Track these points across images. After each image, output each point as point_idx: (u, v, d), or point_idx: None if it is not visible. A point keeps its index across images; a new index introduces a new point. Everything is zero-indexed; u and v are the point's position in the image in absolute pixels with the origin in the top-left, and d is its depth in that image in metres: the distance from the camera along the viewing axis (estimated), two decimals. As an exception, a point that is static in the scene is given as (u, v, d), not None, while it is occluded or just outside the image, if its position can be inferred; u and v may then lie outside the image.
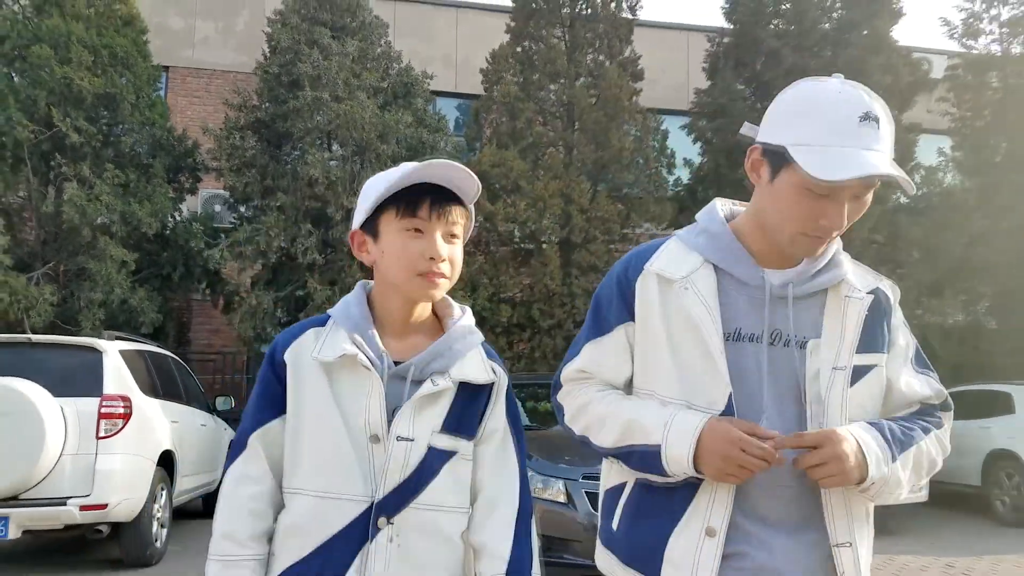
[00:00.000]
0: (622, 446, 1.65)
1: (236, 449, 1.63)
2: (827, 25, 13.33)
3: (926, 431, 1.67)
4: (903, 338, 1.73)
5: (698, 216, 1.77)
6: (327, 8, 11.90)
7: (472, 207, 1.71)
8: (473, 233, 7.72)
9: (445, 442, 1.62)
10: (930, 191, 13.79)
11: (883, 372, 1.67)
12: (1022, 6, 15.65)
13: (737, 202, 1.79)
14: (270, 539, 1.61)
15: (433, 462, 1.60)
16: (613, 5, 13.19)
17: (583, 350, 1.77)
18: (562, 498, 6.03)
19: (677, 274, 1.65)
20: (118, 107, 10.85)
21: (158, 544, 7.17)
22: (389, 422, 1.58)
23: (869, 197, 1.60)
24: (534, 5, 13.21)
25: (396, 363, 1.62)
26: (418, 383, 1.61)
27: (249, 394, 1.71)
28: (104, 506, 6.36)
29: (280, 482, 1.62)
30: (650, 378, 1.69)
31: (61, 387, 6.42)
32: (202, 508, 9.51)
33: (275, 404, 1.62)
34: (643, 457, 1.61)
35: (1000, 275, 14.06)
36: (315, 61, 11.01)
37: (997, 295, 14.34)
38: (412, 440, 1.58)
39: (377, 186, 1.63)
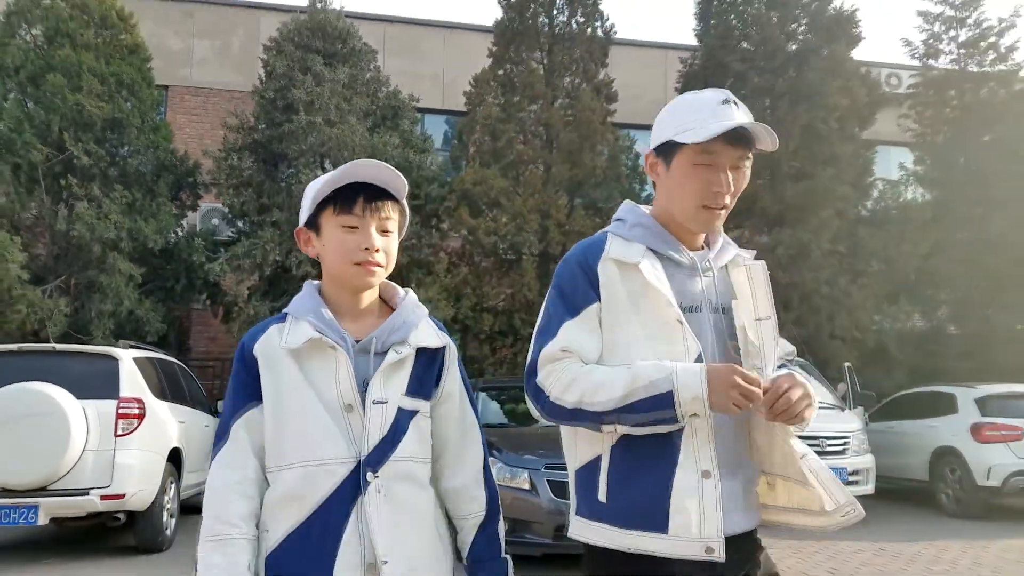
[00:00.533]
0: (628, 402, 1.75)
1: (220, 438, 1.81)
2: (793, 46, 14.13)
3: None
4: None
5: (623, 215, 2.01)
6: (319, 36, 12.68)
7: (405, 203, 1.88)
8: (457, 245, 8.76)
9: (409, 403, 1.81)
10: (888, 204, 14.58)
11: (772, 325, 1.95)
12: (979, 28, 16.54)
13: (640, 205, 2.07)
14: (257, 519, 1.76)
15: (403, 420, 1.79)
16: (589, 30, 13.96)
17: (560, 331, 1.85)
18: (527, 486, 6.81)
19: (632, 259, 1.87)
20: (125, 131, 11.62)
21: (168, 532, 7.90)
22: (361, 391, 1.76)
23: (747, 170, 1.91)
24: (516, 26, 13.99)
25: (356, 341, 1.81)
26: (380, 354, 1.80)
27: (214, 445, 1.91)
28: (122, 496, 7.08)
29: (262, 464, 1.78)
30: (620, 352, 1.85)
31: (83, 390, 7.11)
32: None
33: (251, 393, 1.80)
34: (652, 404, 1.74)
35: (957, 284, 14.92)
36: (308, 87, 11.79)
37: (955, 302, 15.17)
38: (385, 402, 1.77)
39: (316, 186, 1.81)
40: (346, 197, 1.78)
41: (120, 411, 7.25)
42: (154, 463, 7.57)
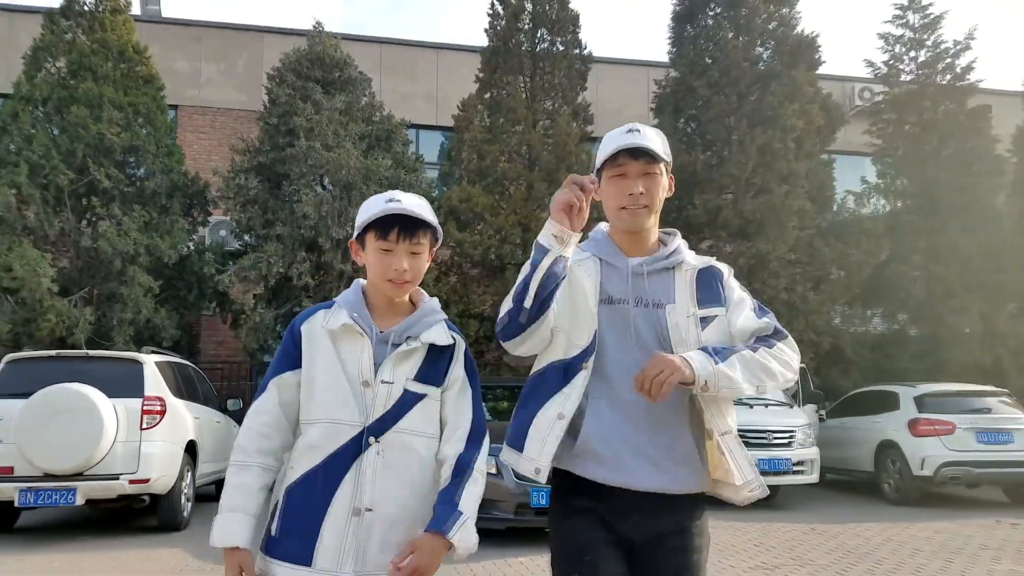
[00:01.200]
0: (525, 272, 2.20)
1: (260, 390, 2.23)
2: (760, 66, 15.21)
3: (753, 349, 2.27)
4: (737, 294, 2.40)
5: (591, 233, 2.48)
6: (318, 66, 13.84)
7: (437, 226, 2.26)
8: (445, 257, 10.38)
9: (418, 387, 2.18)
10: (846, 217, 15.68)
11: (724, 319, 2.35)
12: (936, 50, 17.63)
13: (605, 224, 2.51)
14: (275, 456, 2.19)
15: (408, 400, 2.17)
16: (566, 61, 15.08)
17: None
18: (494, 471, 7.92)
19: (574, 258, 2.30)
20: (141, 155, 12.78)
21: (185, 514, 9.03)
22: (376, 372, 2.15)
23: (660, 178, 2.34)
24: (501, 52, 15.12)
25: (381, 332, 2.20)
26: (396, 345, 2.19)
27: (253, 397, 2.36)
28: (147, 480, 8.23)
29: (287, 416, 2.19)
30: (563, 321, 2.28)
31: (113, 390, 8.22)
32: (215, 492, 11.41)
33: (291, 361, 2.21)
34: (534, 257, 2.20)
35: (913, 290, 16.03)
36: (308, 114, 12.93)
37: (910, 307, 16.27)
38: (392, 383, 2.15)
39: (366, 210, 2.21)
40: (385, 226, 2.18)
41: (145, 408, 8.39)
42: (174, 453, 8.71)
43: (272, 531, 2.16)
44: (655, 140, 2.32)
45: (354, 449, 2.11)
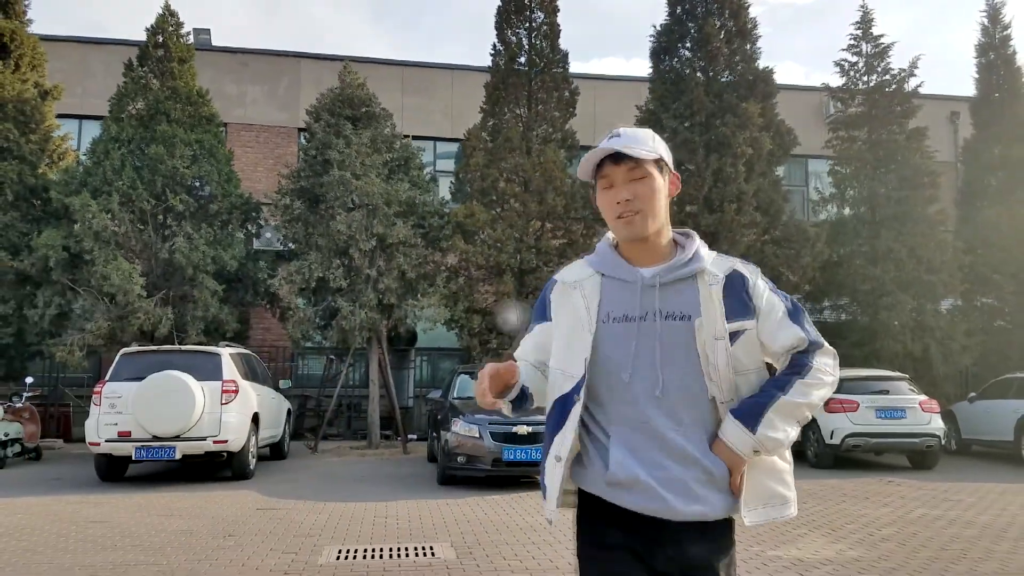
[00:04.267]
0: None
1: None
2: (717, 100, 17.84)
3: (783, 387, 2.10)
4: (767, 303, 2.17)
5: (597, 244, 2.35)
6: (348, 105, 16.72)
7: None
8: (454, 262, 14.18)
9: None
10: (791, 228, 18.32)
11: (754, 333, 2.14)
12: (885, 76, 20.14)
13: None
14: None
15: None
16: (556, 93, 17.87)
17: (523, 339, 2.40)
18: (477, 435, 10.88)
19: (572, 280, 2.25)
20: (206, 182, 15.78)
21: (251, 467, 12.07)
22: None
23: (651, 179, 2.13)
24: (501, 88, 17.96)
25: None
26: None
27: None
28: (226, 441, 11.25)
29: None
30: (552, 354, 2.26)
31: (199, 375, 11.25)
32: (269, 454, 14.47)
33: None
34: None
35: (856, 287, 18.72)
36: (340, 148, 15.84)
37: (852, 302, 18.99)
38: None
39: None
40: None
41: (223, 388, 11.41)
42: (244, 421, 11.73)
43: None
44: (641, 140, 2.19)
45: None
